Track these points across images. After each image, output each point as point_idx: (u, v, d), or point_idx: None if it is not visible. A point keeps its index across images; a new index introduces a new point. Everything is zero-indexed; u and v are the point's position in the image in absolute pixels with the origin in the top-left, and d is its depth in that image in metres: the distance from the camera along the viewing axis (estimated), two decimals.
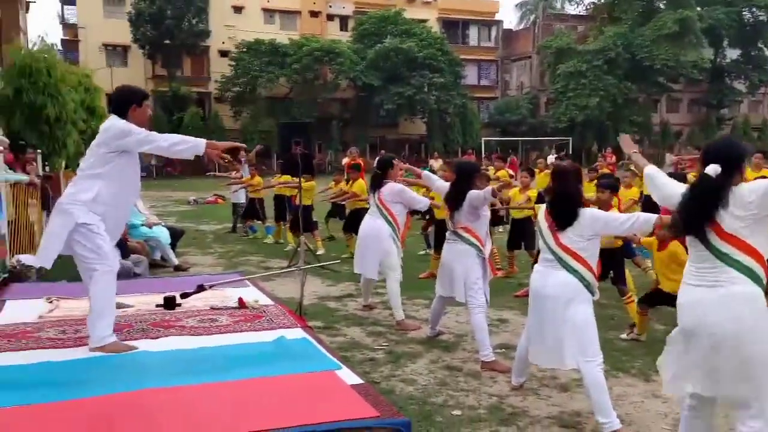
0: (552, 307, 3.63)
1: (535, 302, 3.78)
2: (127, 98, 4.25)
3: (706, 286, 2.74)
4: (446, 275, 5.02)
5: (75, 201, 4.00)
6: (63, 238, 3.92)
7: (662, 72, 42.13)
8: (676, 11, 41.19)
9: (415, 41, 38.86)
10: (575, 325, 3.56)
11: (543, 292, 3.69)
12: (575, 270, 3.58)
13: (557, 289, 3.61)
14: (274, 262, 9.26)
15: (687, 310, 2.82)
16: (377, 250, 5.90)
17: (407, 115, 40.98)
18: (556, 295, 3.62)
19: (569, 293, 3.59)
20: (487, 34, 49.72)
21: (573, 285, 3.59)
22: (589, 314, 3.61)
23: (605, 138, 40.60)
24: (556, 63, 43.35)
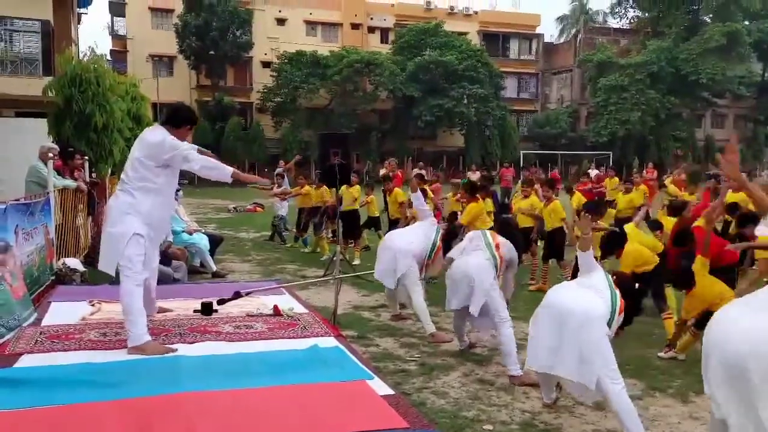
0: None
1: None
2: (186, 117, 4.51)
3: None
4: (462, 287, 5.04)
5: (133, 211, 4.22)
6: (124, 245, 4.14)
7: (707, 87, 41.20)
8: (723, 25, 40.29)
9: (455, 53, 38.87)
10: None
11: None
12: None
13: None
14: (310, 271, 9.34)
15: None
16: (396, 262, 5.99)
17: (446, 127, 40.92)
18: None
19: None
20: (527, 47, 49.42)
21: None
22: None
23: (647, 153, 39.85)
24: (597, 76, 42.81)
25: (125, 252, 4.16)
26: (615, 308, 3.72)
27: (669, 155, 41.67)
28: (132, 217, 4.24)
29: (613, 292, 3.78)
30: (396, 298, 6.47)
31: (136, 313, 4.17)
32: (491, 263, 4.97)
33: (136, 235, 4.21)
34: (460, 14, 46.49)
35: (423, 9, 45.02)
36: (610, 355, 3.59)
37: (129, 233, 4.19)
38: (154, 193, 4.32)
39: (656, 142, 41.55)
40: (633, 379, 4.50)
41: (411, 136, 40.43)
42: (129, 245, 4.17)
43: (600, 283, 3.85)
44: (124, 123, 10.01)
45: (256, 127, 38.94)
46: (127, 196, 4.31)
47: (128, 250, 4.17)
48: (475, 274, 4.91)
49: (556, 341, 3.78)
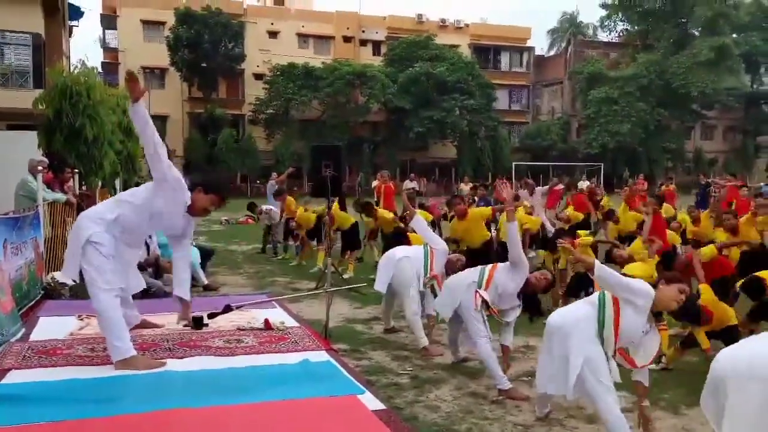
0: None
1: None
2: (217, 189, 4.59)
3: None
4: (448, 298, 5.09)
5: (94, 219, 4.17)
6: (78, 255, 4.08)
7: (697, 99, 41.62)
8: (711, 38, 40.78)
9: (447, 66, 39.10)
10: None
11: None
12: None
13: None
14: (302, 283, 9.30)
15: None
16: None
17: (437, 138, 41.08)
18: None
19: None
20: (518, 59, 49.76)
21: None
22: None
23: (637, 164, 40.10)
24: (587, 89, 43.15)
25: (92, 263, 4.08)
26: (604, 321, 3.69)
27: (659, 167, 41.97)
28: (92, 224, 4.19)
29: (602, 306, 3.74)
30: (391, 311, 6.47)
31: (118, 325, 4.09)
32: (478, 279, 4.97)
33: (94, 244, 4.11)
34: (452, 27, 46.78)
35: (414, 22, 45.30)
36: (596, 358, 3.57)
37: (81, 240, 4.11)
38: (128, 206, 4.30)
39: (646, 154, 41.85)
40: (623, 391, 4.50)
41: (403, 148, 40.53)
42: (89, 255, 4.09)
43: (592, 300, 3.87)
44: (114, 136, 9.98)
45: (248, 139, 38.93)
46: (98, 206, 4.35)
47: (93, 260, 4.09)
48: (453, 280, 5.04)
49: (546, 360, 3.80)
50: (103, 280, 4.10)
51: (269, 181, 16.94)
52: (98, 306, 4.09)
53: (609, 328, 3.66)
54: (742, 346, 2.75)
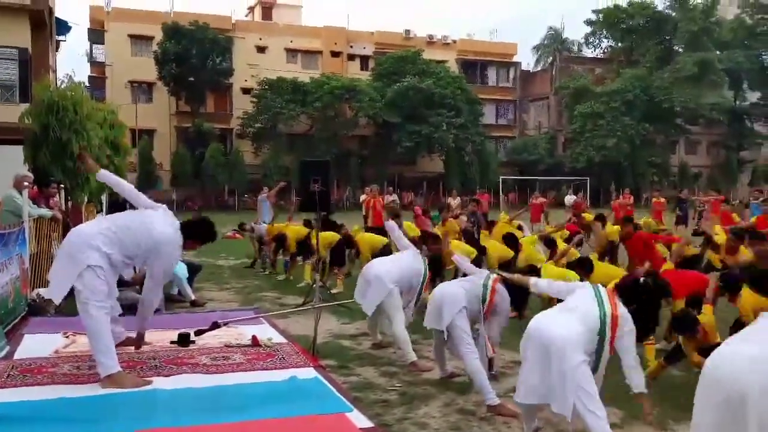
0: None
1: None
2: (201, 234, 4.78)
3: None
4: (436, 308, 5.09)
5: (92, 246, 4.19)
6: (74, 277, 4.09)
7: (681, 114, 42.18)
8: (694, 54, 41.44)
9: (434, 80, 39.38)
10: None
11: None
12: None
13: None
14: (290, 298, 9.25)
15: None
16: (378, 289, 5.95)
17: (425, 152, 41.27)
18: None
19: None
20: (505, 74, 50.23)
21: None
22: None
23: (623, 178, 40.46)
24: (573, 104, 43.60)
25: (89, 285, 4.15)
26: (605, 321, 3.70)
27: (645, 181, 42.37)
28: (92, 250, 4.27)
29: (602, 306, 3.75)
30: (377, 325, 6.45)
31: (107, 341, 4.12)
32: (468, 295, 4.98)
33: (93, 268, 4.22)
34: (439, 43, 47.20)
35: (402, 37, 45.65)
36: (586, 382, 3.57)
37: (82, 266, 4.22)
38: (124, 243, 4.41)
39: (632, 168, 42.24)
40: (612, 407, 4.51)
41: (391, 162, 40.65)
42: (87, 278, 4.17)
43: (583, 303, 3.84)
44: (101, 151, 9.93)
45: (236, 153, 38.90)
46: (92, 226, 4.38)
47: (90, 283, 4.16)
48: (446, 298, 4.97)
49: (536, 371, 3.78)
50: (96, 300, 4.21)
51: (260, 195, 16.92)
52: (89, 321, 4.13)
53: (606, 325, 3.67)
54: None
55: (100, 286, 4.23)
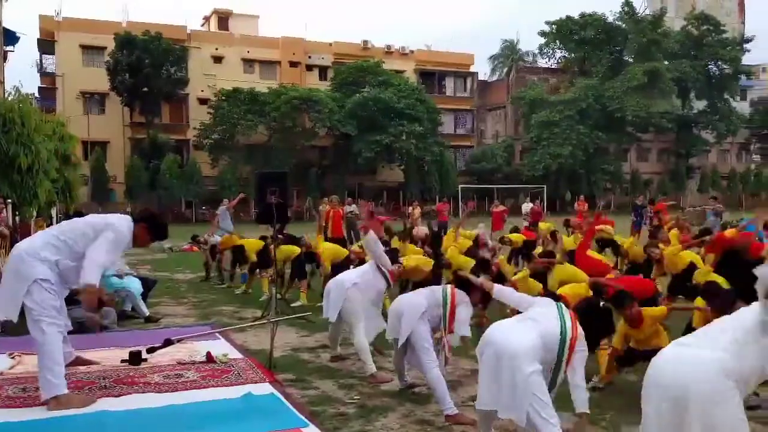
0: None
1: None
2: (157, 228, 4.64)
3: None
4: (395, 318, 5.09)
5: (38, 257, 4.05)
6: (23, 293, 3.95)
7: (632, 122, 43.37)
8: (644, 64, 42.74)
9: (393, 91, 39.59)
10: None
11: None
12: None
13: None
14: (248, 312, 9.11)
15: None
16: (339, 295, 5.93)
17: (385, 162, 41.43)
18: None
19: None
20: (462, 84, 50.87)
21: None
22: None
23: (578, 186, 41.32)
24: (529, 113, 44.42)
25: (38, 300, 4.01)
26: (565, 341, 3.74)
27: (599, 188, 43.36)
28: (39, 263, 4.12)
29: (564, 327, 3.79)
30: (338, 337, 6.41)
31: (57, 359, 4.00)
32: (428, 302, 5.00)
33: (41, 282, 4.08)
34: (397, 53, 47.54)
35: (360, 48, 45.82)
36: (539, 390, 3.60)
37: (29, 279, 4.07)
38: (70, 249, 4.25)
39: (587, 176, 43.21)
40: (567, 413, 4.57)
41: (351, 172, 40.65)
42: (36, 293, 4.03)
43: (545, 319, 3.89)
44: (50, 163, 9.69)
45: (192, 164, 38.30)
46: (37, 239, 4.23)
47: (39, 297, 4.03)
48: (405, 308, 4.97)
49: (491, 379, 3.80)
50: (48, 315, 4.09)
51: (220, 206, 16.73)
52: (42, 338, 4.01)
53: (566, 342, 3.70)
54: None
55: (50, 301, 4.11)
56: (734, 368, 2.74)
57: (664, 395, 2.83)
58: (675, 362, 2.88)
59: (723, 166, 52.02)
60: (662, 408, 2.83)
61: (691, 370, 2.78)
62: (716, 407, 2.68)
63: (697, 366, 2.78)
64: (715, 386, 2.71)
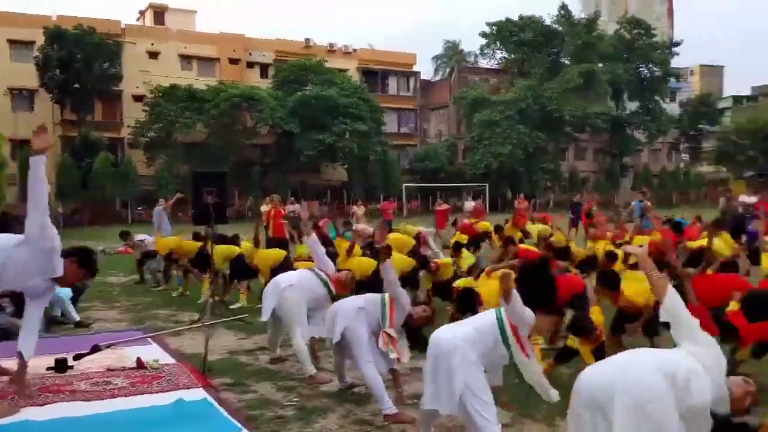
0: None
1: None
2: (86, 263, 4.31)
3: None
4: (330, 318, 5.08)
5: None
6: None
7: (569, 122, 44.60)
8: (580, 66, 44.05)
9: (336, 90, 39.43)
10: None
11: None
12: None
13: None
14: (186, 315, 8.85)
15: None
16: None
17: (329, 161, 41.23)
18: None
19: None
20: (405, 84, 51.17)
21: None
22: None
23: (519, 184, 42.19)
24: (471, 112, 45.05)
25: None
26: (503, 324, 3.74)
27: (539, 186, 44.42)
28: None
29: (499, 312, 3.80)
30: (277, 339, 6.29)
31: None
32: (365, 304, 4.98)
33: None
34: (340, 52, 47.38)
35: (302, 46, 45.43)
36: (476, 384, 3.62)
37: None
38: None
39: (527, 174, 44.16)
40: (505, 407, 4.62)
41: (294, 170, 40.28)
42: None
43: (481, 317, 3.93)
44: None
45: (127, 163, 37.10)
46: None
47: None
48: (340, 307, 4.97)
49: (430, 378, 3.82)
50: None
51: (156, 206, 16.23)
52: None
53: (514, 345, 3.71)
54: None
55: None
56: (669, 369, 2.80)
57: (587, 397, 2.88)
58: (602, 366, 2.93)
59: (655, 165, 54.15)
60: (584, 414, 2.89)
61: (619, 374, 2.83)
62: (649, 404, 2.72)
63: (624, 371, 2.84)
64: (649, 384, 2.77)
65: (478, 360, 3.69)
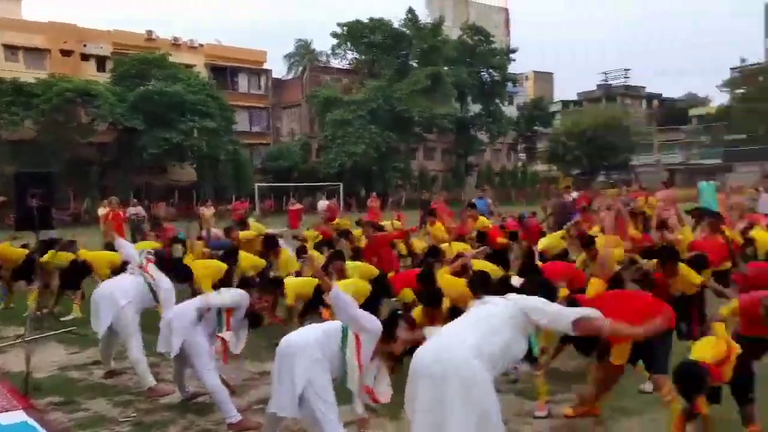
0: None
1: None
2: None
3: None
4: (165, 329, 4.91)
5: None
6: None
7: (418, 123, 46.27)
8: (426, 68, 45.91)
9: (183, 85, 37.68)
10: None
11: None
12: None
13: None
14: (10, 330, 8.06)
15: None
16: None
17: (176, 160, 39.35)
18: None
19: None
20: (256, 81, 50.20)
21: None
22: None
23: (372, 183, 43.06)
24: (324, 112, 45.23)
25: None
26: (347, 333, 3.76)
27: (391, 185, 45.65)
28: None
29: (346, 335, 3.82)
30: (111, 351, 5.91)
31: None
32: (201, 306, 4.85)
33: None
34: (185, 46, 45.43)
35: (144, 38, 42.94)
36: (320, 385, 3.64)
37: None
38: None
39: (380, 173, 45.16)
40: None
41: (137, 170, 37.96)
42: None
43: (331, 326, 3.94)
44: None
45: None
46: None
47: None
48: (175, 317, 4.81)
49: (277, 381, 3.79)
50: None
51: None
52: None
53: (352, 360, 3.70)
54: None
55: None
56: (486, 353, 3.03)
57: (427, 380, 3.03)
58: (437, 350, 3.10)
59: (496, 164, 57.85)
60: (425, 392, 3.04)
61: (448, 356, 3.01)
62: (473, 388, 2.93)
63: (455, 352, 3.02)
64: (471, 370, 2.96)
65: (324, 360, 3.70)
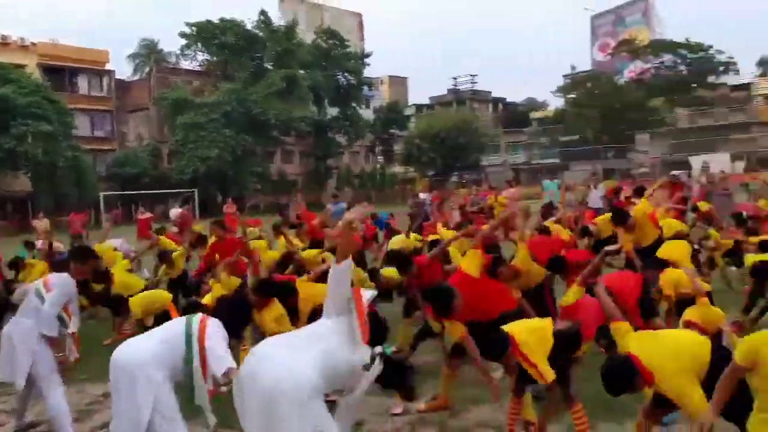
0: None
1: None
2: None
3: None
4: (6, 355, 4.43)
5: None
6: None
7: (275, 126, 45.78)
8: (282, 71, 45.52)
9: (13, 87, 34.32)
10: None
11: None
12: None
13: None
14: None
15: None
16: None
17: (8, 169, 35.74)
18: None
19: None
20: (98, 83, 46.86)
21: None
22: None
23: (228, 188, 41.95)
24: (174, 115, 43.35)
25: None
26: (191, 332, 3.55)
27: (248, 189, 44.72)
28: None
29: (189, 321, 3.63)
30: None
31: None
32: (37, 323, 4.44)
33: None
34: (15, 45, 41.51)
35: None
36: (165, 404, 3.45)
37: None
38: None
39: (236, 178, 44.09)
40: None
41: None
42: None
43: (170, 329, 3.73)
44: None
45: None
46: None
47: None
48: (17, 341, 4.35)
49: (115, 397, 3.55)
50: None
51: None
52: None
53: (198, 371, 3.52)
54: (272, 358, 3.10)
55: None
56: (321, 369, 2.96)
57: (256, 393, 2.97)
58: (267, 362, 3.02)
59: (355, 167, 58.72)
60: (253, 404, 2.98)
61: (278, 374, 2.92)
62: (304, 406, 2.86)
63: (285, 368, 2.94)
64: (301, 389, 2.89)
65: (165, 380, 3.48)
